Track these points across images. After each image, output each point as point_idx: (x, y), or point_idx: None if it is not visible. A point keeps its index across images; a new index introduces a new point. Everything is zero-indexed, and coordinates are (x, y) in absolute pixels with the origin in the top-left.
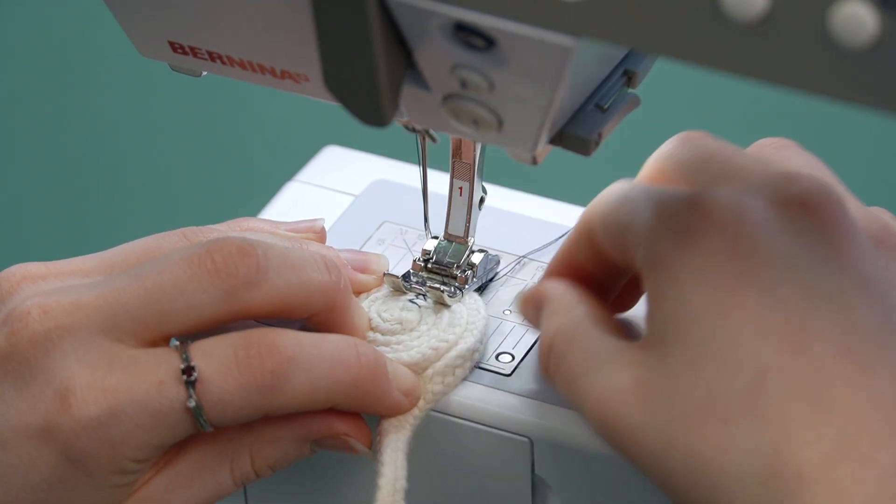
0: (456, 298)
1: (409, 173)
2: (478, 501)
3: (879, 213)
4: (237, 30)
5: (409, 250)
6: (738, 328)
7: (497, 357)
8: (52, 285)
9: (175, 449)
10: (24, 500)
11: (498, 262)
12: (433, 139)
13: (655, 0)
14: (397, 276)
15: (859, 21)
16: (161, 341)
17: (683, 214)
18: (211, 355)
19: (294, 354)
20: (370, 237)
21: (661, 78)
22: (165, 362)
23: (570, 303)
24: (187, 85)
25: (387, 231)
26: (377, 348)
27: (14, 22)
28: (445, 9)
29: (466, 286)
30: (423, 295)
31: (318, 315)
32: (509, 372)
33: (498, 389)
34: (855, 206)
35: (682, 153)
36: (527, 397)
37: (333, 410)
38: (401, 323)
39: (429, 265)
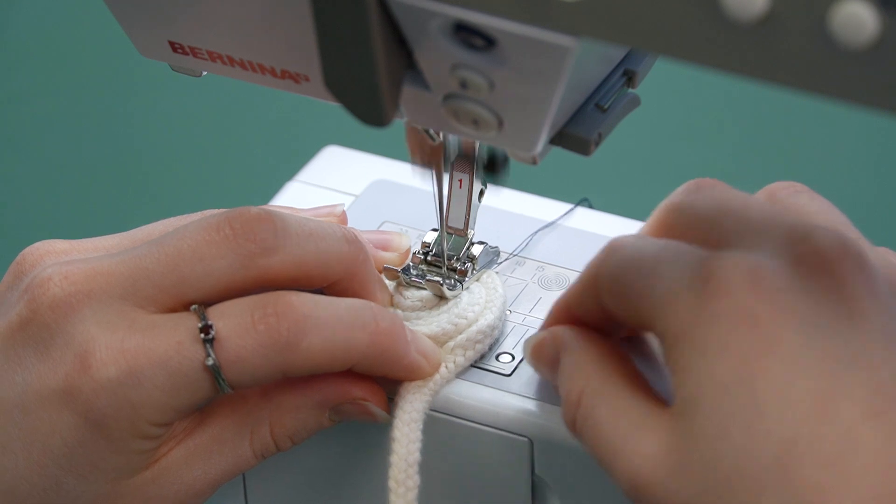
0: (455, 291)
1: (408, 173)
2: (478, 501)
3: (885, 254)
4: (237, 30)
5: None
6: (764, 398)
7: (497, 357)
8: (75, 258)
9: (195, 422)
10: (45, 465)
11: (498, 254)
12: (433, 139)
13: (655, 0)
14: (397, 270)
15: (859, 21)
16: (180, 307)
17: (701, 284)
18: (228, 315)
19: (310, 312)
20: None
21: (661, 78)
22: (184, 324)
23: (596, 356)
24: (187, 85)
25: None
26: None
27: (14, 22)
28: (445, 9)
29: (466, 278)
30: (423, 288)
31: (338, 284)
32: (509, 372)
33: (498, 389)
34: (867, 251)
35: (693, 205)
36: (527, 397)
37: (350, 375)
38: (422, 300)
39: (428, 258)
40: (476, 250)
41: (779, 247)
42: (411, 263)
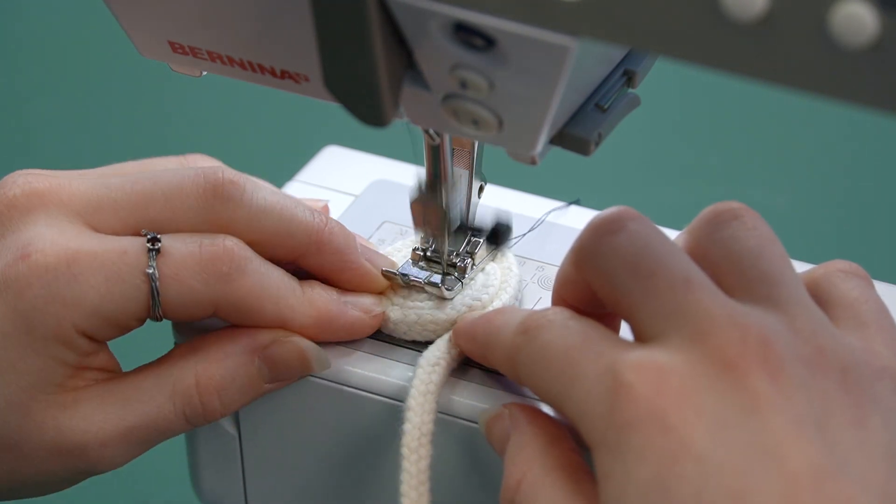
0: (454, 292)
1: (408, 173)
2: (478, 501)
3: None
4: (237, 30)
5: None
6: (681, 501)
7: None
8: (46, 172)
9: (117, 373)
10: None
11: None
12: (433, 139)
13: (655, 0)
14: (395, 273)
15: (859, 21)
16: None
17: (611, 393)
18: (178, 239)
19: (255, 258)
20: (370, 237)
21: (661, 78)
22: (134, 239)
23: (544, 443)
24: (187, 85)
25: (387, 231)
26: (411, 306)
27: (14, 22)
28: (445, 9)
29: (466, 275)
30: (422, 290)
31: (310, 258)
32: None
33: (498, 389)
34: (791, 321)
35: (604, 256)
36: (527, 397)
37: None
38: (430, 289)
39: (427, 254)
40: (475, 246)
41: (683, 341)
42: (411, 260)
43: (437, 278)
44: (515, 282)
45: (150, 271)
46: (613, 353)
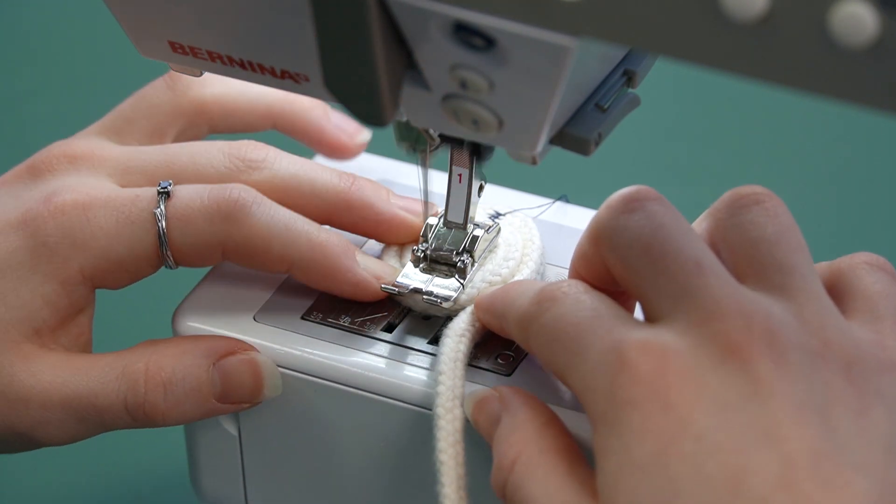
0: (450, 302)
1: (409, 173)
2: (478, 501)
3: (853, 269)
4: (237, 30)
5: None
6: (680, 478)
7: (497, 357)
8: (82, 136)
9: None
10: None
11: (498, 231)
12: (433, 139)
13: (655, 0)
14: (394, 290)
15: (859, 21)
16: None
17: (614, 371)
18: (190, 186)
19: (262, 200)
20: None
21: (661, 78)
22: (148, 188)
23: (538, 425)
24: None
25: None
26: (433, 280)
27: (14, 22)
28: (445, 9)
29: (466, 277)
30: (448, 263)
31: (342, 217)
32: (509, 372)
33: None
34: (800, 311)
35: (620, 233)
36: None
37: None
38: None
39: (427, 254)
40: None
41: (689, 324)
42: (411, 262)
43: (438, 282)
44: (537, 255)
45: (157, 210)
46: (621, 331)
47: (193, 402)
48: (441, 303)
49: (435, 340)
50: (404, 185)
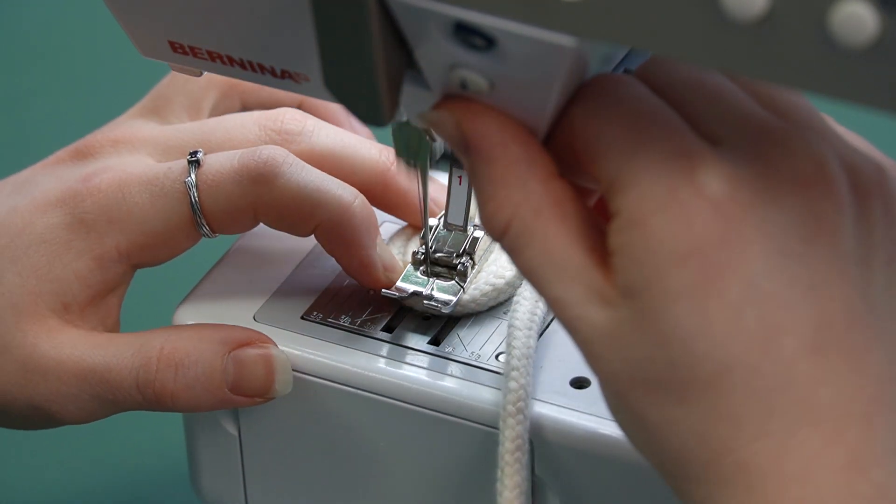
0: (450, 307)
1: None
2: (478, 501)
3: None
4: (237, 30)
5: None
6: (712, 319)
7: (497, 357)
8: (124, 123)
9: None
10: (19, 255)
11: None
12: (433, 139)
13: (655, 0)
14: (395, 294)
15: (859, 21)
16: None
17: (680, 181)
18: (220, 154)
19: (293, 162)
20: None
21: None
22: (181, 161)
23: (528, 174)
24: None
25: (387, 231)
26: (434, 282)
27: (14, 22)
28: (445, 9)
29: (466, 280)
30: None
31: (376, 196)
32: None
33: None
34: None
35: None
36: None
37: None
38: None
39: (428, 255)
40: (478, 236)
41: (760, 152)
42: (411, 265)
43: (439, 284)
44: None
45: (188, 179)
46: (693, 146)
47: (204, 387)
48: (441, 308)
49: (435, 341)
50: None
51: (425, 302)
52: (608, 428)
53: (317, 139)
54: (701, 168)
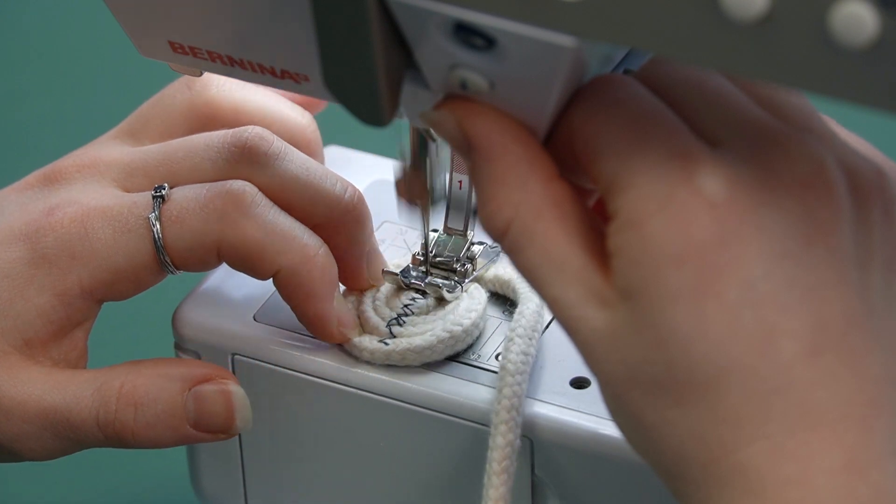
0: (455, 294)
1: None
2: (477, 501)
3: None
4: (237, 30)
5: (409, 250)
6: (710, 320)
7: (497, 357)
8: (91, 146)
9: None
10: None
11: (498, 254)
12: (433, 139)
13: (655, 0)
14: (396, 273)
15: (859, 21)
16: None
17: (679, 182)
18: (187, 187)
19: (260, 202)
20: None
21: None
22: (146, 193)
23: (528, 175)
24: None
25: (387, 231)
26: (392, 333)
27: (14, 22)
28: (445, 9)
29: (466, 280)
30: (423, 291)
31: (328, 232)
32: None
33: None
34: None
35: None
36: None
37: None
38: (417, 307)
39: (429, 258)
40: (476, 250)
41: (759, 154)
42: (411, 265)
43: (439, 281)
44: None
45: (151, 215)
46: (692, 146)
47: (165, 425)
48: (444, 289)
49: None
50: None
51: (427, 289)
52: (608, 428)
53: (282, 165)
54: (699, 169)
